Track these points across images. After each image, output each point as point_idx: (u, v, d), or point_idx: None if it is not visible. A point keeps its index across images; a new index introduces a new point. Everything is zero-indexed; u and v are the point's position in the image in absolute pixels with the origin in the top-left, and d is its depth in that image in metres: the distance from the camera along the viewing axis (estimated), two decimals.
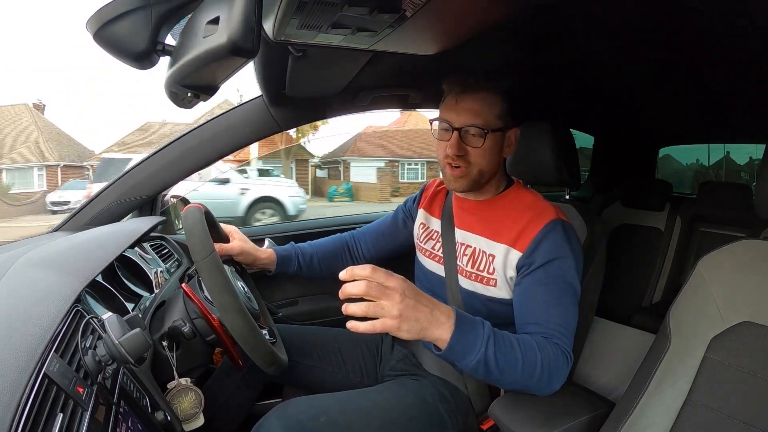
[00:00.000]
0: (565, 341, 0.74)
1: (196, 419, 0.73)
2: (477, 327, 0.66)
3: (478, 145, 0.82)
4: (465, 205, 0.93)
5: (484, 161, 0.83)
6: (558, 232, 0.79)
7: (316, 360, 1.01)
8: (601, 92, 1.34)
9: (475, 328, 0.65)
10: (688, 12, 0.71)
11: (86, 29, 0.49)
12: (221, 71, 0.51)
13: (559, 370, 0.72)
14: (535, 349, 0.70)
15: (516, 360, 0.67)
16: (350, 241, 1.13)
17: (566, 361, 0.73)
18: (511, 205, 0.87)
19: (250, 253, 1.00)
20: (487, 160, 0.84)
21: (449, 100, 0.85)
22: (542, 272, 0.77)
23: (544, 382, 0.70)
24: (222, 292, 0.67)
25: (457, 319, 0.63)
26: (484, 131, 0.81)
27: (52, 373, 0.43)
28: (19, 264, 0.63)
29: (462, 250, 0.90)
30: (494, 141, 0.83)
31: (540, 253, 0.78)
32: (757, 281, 0.66)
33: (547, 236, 0.79)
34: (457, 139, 0.82)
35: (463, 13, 0.65)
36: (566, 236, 0.80)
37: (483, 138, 0.81)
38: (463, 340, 0.63)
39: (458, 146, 0.82)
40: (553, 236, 0.79)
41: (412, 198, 1.10)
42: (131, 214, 1.10)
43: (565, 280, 0.77)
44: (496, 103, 0.82)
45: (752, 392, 0.61)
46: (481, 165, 0.83)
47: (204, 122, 1.10)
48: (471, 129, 0.81)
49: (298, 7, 0.54)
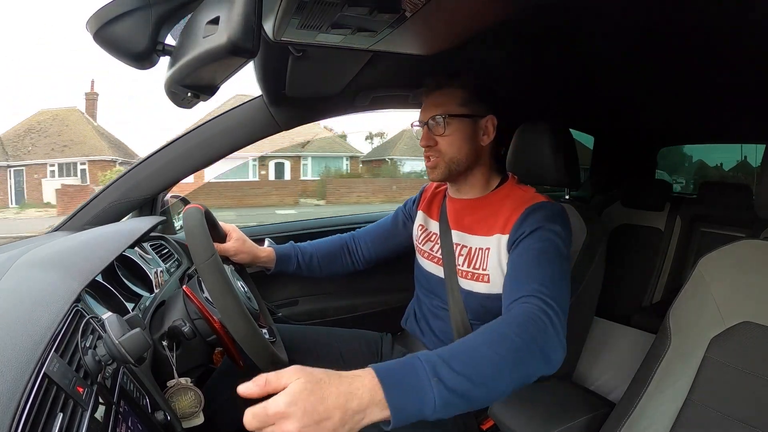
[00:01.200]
0: (546, 294, 0.64)
1: (196, 418, 0.73)
2: (411, 364, 0.51)
3: (440, 133, 0.87)
4: (458, 205, 0.94)
5: (453, 148, 0.87)
6: (545, 208, 0.80)
7: (316, 360, 1.01)
8: (601, 92, 1.34)
9: (408, 368, 0.50)
10: (688, 11, 0.71)
11: (86, 29, 0.49)
12: (221, 71, 0.51)
13: (548, 336, 0.60)
14: (506, 331, 0.58)
15: (490, 361, 0.54)
16: (350, 242, 1.13)
17: (550, 321, 0.62)
18: (504, 201, 0.88)
19: (248, 252, 1.00)
20: (457, 147, 0.87)
21: (423, 103, 0.91)
22: (529, 239, 0.76)
23: (539, 360, 0.58)
24: (223, 294, 0.67)
25: (378, 372, 0.48)
26: (445, 117, 0.86)
27: (52, 373, 0.43)
28: (19, 264, 0.63)
29: (459, 251, 0.90)
30: (460, 128, 0.87)
31: (526, 225, 0.78)
32: (757, 281, 0.66)
33: (533, 211, 0.80)
34: (425, 131, 0.89)
35: (463, 13, 0.65)
36: (552, 210, 0.80)
37: (443, 125, 0.86)
38: (401, 389, 0.48)
39: (426, 137, 0.88)
40: (539, 210, 0.80)
41: (411, 199, 1.11)
42: (131, 214, 1.10)
43: (554, 245, 0.74)
44: (457, 94, 0.87)
45: (752, 392, 0.61)
46: (451, 153, 0.87)
47: (204, 122, 1.10)
48: (435, 119, 0.87)
49: (298, 7, 0.55)
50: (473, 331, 0.62)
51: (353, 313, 1.38)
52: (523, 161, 1.02)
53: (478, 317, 0.87)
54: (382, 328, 1.11)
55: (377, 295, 1.40)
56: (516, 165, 1.04)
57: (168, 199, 1.26)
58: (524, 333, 0.58)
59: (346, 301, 1.38)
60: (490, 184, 0.92)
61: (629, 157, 2.02)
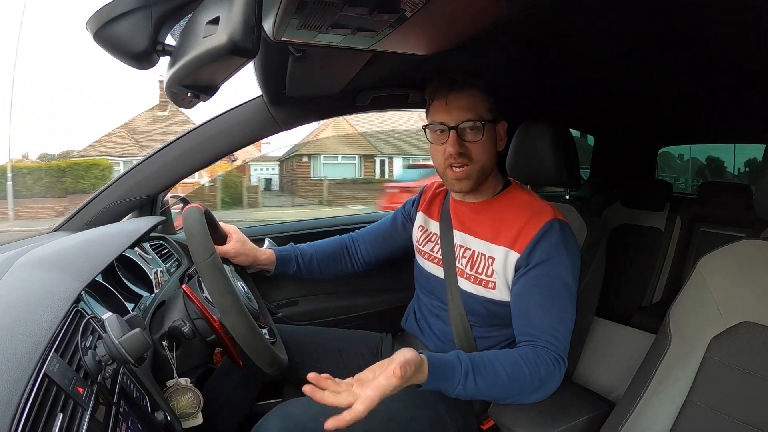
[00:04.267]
0: (556, 344, 0.74)
1: (194, 418, 0.73)
2: (452, 365, 0.68)
3: (477, 139, 0.82)
4: (463, 207, 0.93)
5: (485, 156, 0.83)
6: (555, 231, 0.79)
7: (316, 360, 1.00)
8: (601, 92, 1.34)
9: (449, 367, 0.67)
10: (688, 11, 0.71)
11: (86, 29, 0.49)
12: (221, 71, 0.51)
13: (551, 377, 0.73)
14: (522, 365, 0.70)
15: (503, 387, 0.69)
16: (349, 244, 1.12)
17: (558, 366, 0.73)
18: (509, 206, 0.87)
19: (248, 254, 1.00)
20: (488, 154, 0.84)
21: (437, 102, 0.84)
22: (538, 272, 0.78)
23: (535, 393, 0.72)
24: (222, 293, 0.67)
25: (430, 361, 0.65)
26: (481, 123, 0.81)
27: (52, 373, 0.43)
28: (19, 264, 0.63)
29: (461, 252, 0.89)
30: (490, 134, 0.84)
31: (537, 254, 0.78)
32: (757, 281, 0.66)
33: (544, 236, 0.79)
34: (456, 137, 0.81)
35: (463, 13, 0.65)
36: (563, 236, 0.80)
37: (481, 131, 0.82)
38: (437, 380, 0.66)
39: (457, 143, 0.81)
40: (551, 236, 0.79)
41: (411, 201, 1.10)
42: (131, 214, 1.10)
43: (561, 280, 0.78)
44: (484, 97, 0.83)
45: (752, 392, 0.61)
46: (483, 161, 0.84)
47: (204, 122, 1.10)
48: (468, 124, 0.81)
49: (298, 7, 0.54)
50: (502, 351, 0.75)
51: (353, 313, 1.38)
52: (523, 161, 1.02)
53: (480, 319, 0.87)
54: (382, 328, 1.11)
55: (377, 295, 1.40)
56: (516, 165, 1.04)
57: (168, 199, 1.26)
58: (536, 373, 0.71)
59: (346, 301, 1.38)
60: (495, 189, 0.91)
61: (629, 157, 2.02)
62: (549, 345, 0.74)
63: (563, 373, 0.74)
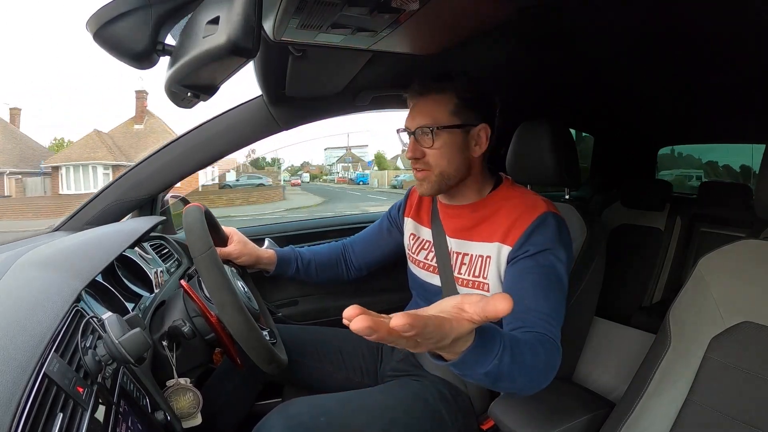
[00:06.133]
0: (554, 331, 0.70)
1: (194, 418, 0.74)
2: (495, 339, 0.57)
3: (428, 145, 0.81)
4: (452, 211, 0.90)
5: (443, 161, 0.81)
6: (550, 224, 0.78)
7: (316, 360, 1.01)
8: (601, 92, 1.34)
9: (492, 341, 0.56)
10: (688, 11, 0.71)
11: (86, 29, 0.49)
12: (221, 71, 0.51)
13: (555, 363, 0.67)
14: (539, 349, 0.64)
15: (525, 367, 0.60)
16: (345, 251, 1.12)
17: (559, 355, 0.69)
18: (500, 204, 0.85)
19: (251, 254, 1.00)
20: (447, 159, 0.81)
21: (409, 106, 0.85)
22: (531, 261, 0.75)
23: (542, 381, 0.65)
24: (220, 288, 0.67)
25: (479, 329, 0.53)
26: (430, 129, 0.80)
27: (52, 373, 0.43)
28: (19, 264, 0.63)
29: (459, 259, 0.87)
30: (449, 140, 0.81)
31: (530, 245, 0.76)
32: (757, 281, 0.66)
33: (538, 228, 0.77)
34: (413, 142, 0.82)
35: (463, 13, 0.65)
36: (557, 229, 0.78)
37: (431, 136, 0.80)
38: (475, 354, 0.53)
39: (413, 149, 0.82)
40: (545, 228, 0.77)
41: (396, 206, 1.08)
42: (131, 214, 1.10)
43: (556, 273, 0.75)
44: (449, 102, 0.81)
45: (752, 392, 0.61)
46: (441, 166, 0.82)
47: (204, 122, 1.10)
48: (421, 130, 0.81)
49: (298, 7, 0.54)
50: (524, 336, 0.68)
51: None
52: (523, 161, 1.02)
53: None
54: None
55: (377, 295, 1.40)
56: (516, 165, 1.04)
57: (168, 199, 1.26)
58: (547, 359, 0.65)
59: (346, 301, 1.37)
60: (484, 190, 0.88)
61: (629, 157, 2.02)
62: (548, 332, 0.69)
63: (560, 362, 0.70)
